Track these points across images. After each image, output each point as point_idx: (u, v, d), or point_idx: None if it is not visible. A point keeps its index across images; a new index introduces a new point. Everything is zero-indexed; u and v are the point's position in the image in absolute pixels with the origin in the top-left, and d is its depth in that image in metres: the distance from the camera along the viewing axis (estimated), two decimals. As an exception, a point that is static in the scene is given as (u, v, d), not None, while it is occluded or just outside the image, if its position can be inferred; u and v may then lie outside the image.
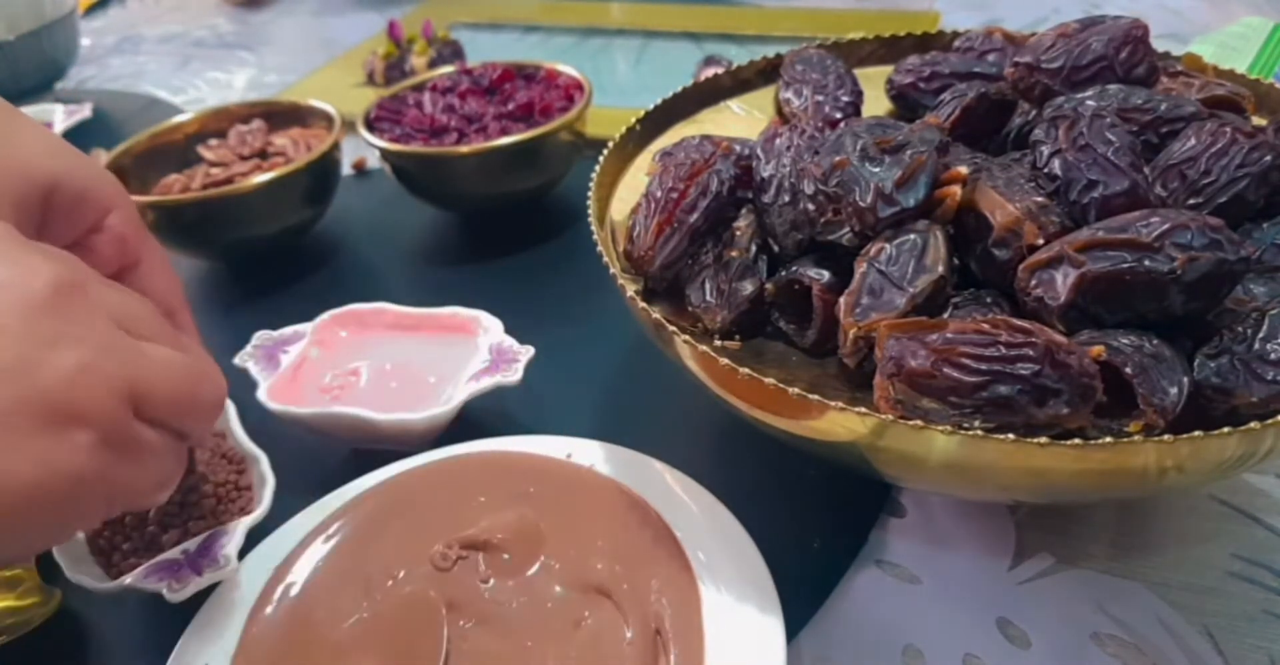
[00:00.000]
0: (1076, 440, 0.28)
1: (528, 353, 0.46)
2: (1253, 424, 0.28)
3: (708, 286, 0.41)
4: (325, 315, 0.50)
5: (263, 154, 0.63)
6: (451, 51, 0.86)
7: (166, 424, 0.30)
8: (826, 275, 0.38)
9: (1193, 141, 0.37)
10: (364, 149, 0.73)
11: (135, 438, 0.28)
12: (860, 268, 0.36)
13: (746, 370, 0.33)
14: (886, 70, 0.51)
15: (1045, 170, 0.37)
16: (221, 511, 0.40)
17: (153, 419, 0.29)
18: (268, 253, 0.63)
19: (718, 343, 0.41)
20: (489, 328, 0.48)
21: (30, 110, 0.77)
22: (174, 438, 0.30)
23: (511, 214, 0.65)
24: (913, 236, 0.36)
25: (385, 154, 0.61)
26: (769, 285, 0.40)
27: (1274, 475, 0.42)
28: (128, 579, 0.36)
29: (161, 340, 0.30)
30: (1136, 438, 0.30)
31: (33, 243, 0.28)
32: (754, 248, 0.42)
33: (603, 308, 0.56)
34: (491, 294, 0.52)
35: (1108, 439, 0.29)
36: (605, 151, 0.47)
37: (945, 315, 0.36)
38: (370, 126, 0.63)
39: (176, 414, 0.30)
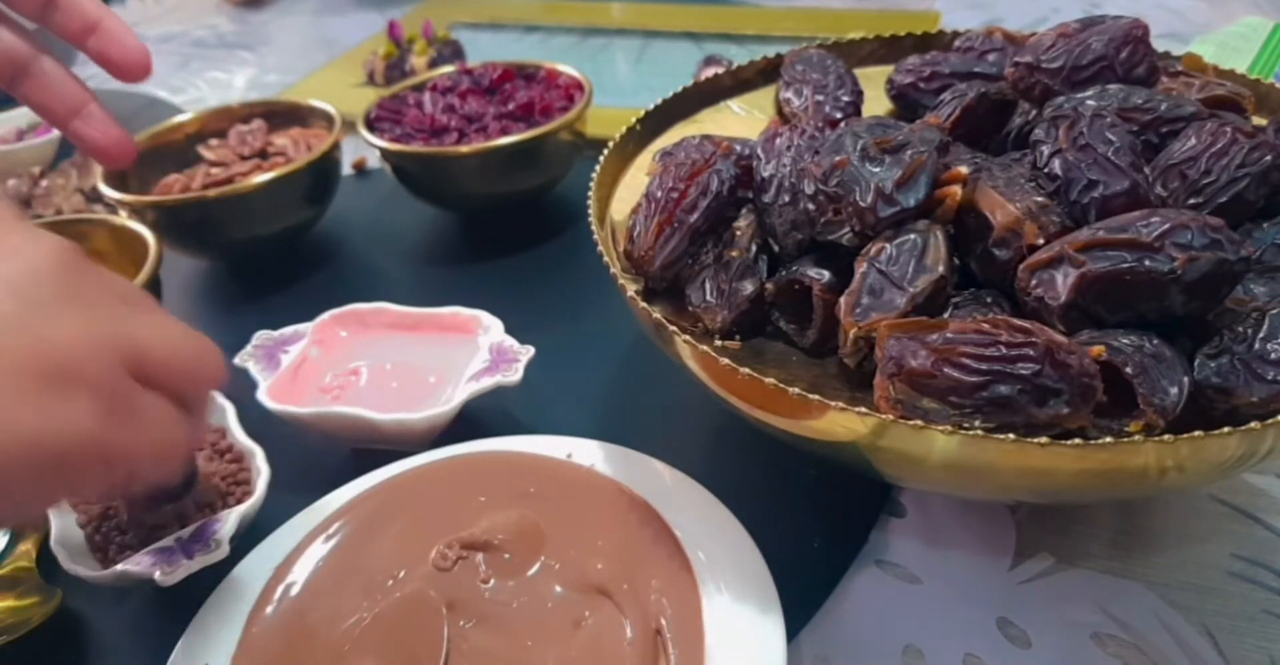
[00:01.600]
0: (1077, 440, 0.28)
1: (528, 353, 0.46)
2: (1253, 424, 0.28)
3: (708, 286, 0.41)
4: (325, 315, 0.50)
5: (263, 154, 0.63)
6: (451, 51, 0.86)
7: (165, 388, 0.30)
8: (826, 275, 0.38)
9: (1193, 141, 0.37)
10: (364, 149, 0.73)
11: (134, 400, 0.28)
12: (860, 268, 0.36)
13: (746, 370, 0.33)
14: (886, 70, 0.51)
15: (1045, 170, 0.37)
16: (219, 506, 0.40)
17: (151, 382, 0.29)
18: (268, 253, 0.63)
19: (718, 343, 0.40)
20: (489, 327, 0.48)
21: (28, 111, 0.76)
22: (174, 404, 0.30)
23: (511, 214, 0.65)
24: (913, 236, 0.36)
25: (385, 154, 0.61)
26: (769, 285, 0.40)
27: (1274, 475, 0.42)
28: (121, 565, 0.36)
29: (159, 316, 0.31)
30: (1137, 438, 0.30)
31: (37, 226, 0.30)
32: (754, 248, 0.42)
33: (603, 308, 0.56)
34: (491, 294, 0.52)
35: (1108, 439, 0.29)
36: (605, 151, 0.47)
37: (945, 315, 0.36)
38: (370, 126, 0.63)
39: (175, 377, 0.30)
